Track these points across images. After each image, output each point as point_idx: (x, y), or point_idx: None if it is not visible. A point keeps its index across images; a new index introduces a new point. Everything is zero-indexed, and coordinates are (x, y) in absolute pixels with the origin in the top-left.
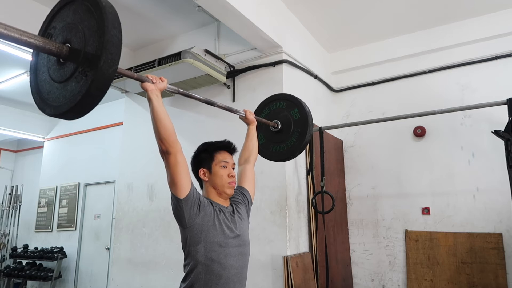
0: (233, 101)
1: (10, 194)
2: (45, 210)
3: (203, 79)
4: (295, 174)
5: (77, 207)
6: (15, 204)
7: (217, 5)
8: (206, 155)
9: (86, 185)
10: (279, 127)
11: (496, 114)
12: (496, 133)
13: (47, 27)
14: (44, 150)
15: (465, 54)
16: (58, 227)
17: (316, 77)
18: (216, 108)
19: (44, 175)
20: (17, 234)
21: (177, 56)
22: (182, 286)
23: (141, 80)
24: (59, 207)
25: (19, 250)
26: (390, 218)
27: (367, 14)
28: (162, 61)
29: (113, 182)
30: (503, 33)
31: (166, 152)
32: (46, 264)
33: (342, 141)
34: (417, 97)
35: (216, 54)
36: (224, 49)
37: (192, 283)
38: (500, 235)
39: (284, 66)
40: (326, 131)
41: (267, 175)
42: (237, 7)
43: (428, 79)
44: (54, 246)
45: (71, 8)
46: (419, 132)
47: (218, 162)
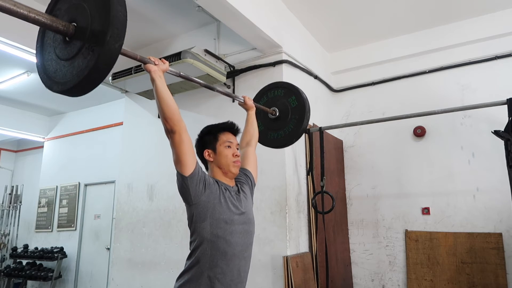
0: (233, 101)
1: (10, 194)
2: (45, 210)
3: (203, 79)
4: (295, 174)
5: (77, 207)
6: (15, 204)
7: (217, 5)
8: (210, 137)
9: (86, 185)
10: (277, 114)
11: (496, 114)
12: (496, 133)
13: (53, 9)
14: (44, 150)
15: (465, 54)
16: (58, 227)
17: (316, 77)
18: (216, 108)
19: (44, 175)
20: (17, 234)
21: (177, 56)
22: (187, 263)
23: (143, 62)
24: (59, 207)
25: (19, 250)
26: (390, 218)
27: (367, 14)
28: None
29: (113, 182)
30: (503, 33)
31: (171, 131)
32: (46, 264)
33: (342, 141)
34: (417, 97)
35: (216, 54)
36: (224, 49)
37: (197, 260)
38: (500, 235)
39: (284, 66)
40: (326, 131)
41: (267, 175)
42: (237, 7)
43: (428, 79)
44: (54, 246)
45: None
46: (419, 132)
47: (222, 143)
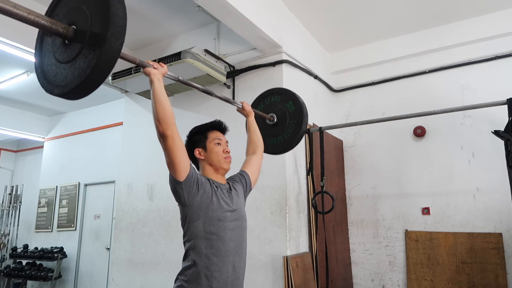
0: None
1: (10, 194)
2: (45, 210)
3: (203, 79)
4: (295, 174)
5: (77, 207)
6: (15, 204)
7: (217, 5)
8: (199, 136)
9: (86, 185)
10: (275, 120)
11: (496, 114)
12: (496, 133)
13: (51, 14)
14: (44, 150)
15: (465, 54)
16: (58, 227)
17: (316, 77)
18: (216, 108)
19: (44, 175)
20: (17, 234)
21: (177, 56)
22: (183, 264)
23: (143, 66)
24: (59, 207)
25: (19, 250)
26: (390, 218)
27: (367, 14)
28: (162, 61)
29: (113, 182)
30: (503, 33)
31: (163, 135)
32: (46, 264)
33: (342, 141)
34: (417, 97)
35: (216, 54)
36: (224, 49)
37: (194, 261)
38: (500, 235)
39: (284, 66)
40: (326, 131)
41: (267, 175)
42: (237, 7)
43: (428, 79)
44: (54, 246)
45: None
46: (419, 132)
47: (212, 140)
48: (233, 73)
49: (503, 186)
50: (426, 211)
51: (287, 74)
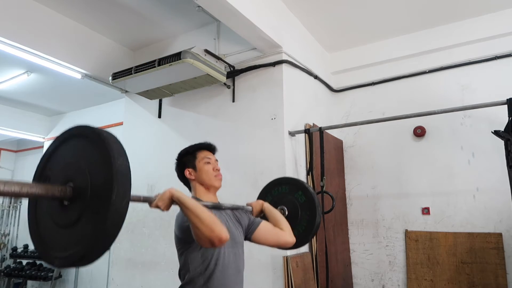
0: (233, 101)
1: None
2: None
3: (203, 79)
4: (295, 174)
5: None
6: (15, 204)
7: (217, 5)
8: (188, 156)
9: None
10: (286, 213)
11: (496, 114)
12: (496, 133)
13: (43, 169)
14: (44, 150)
15: (465, 54)
16: None
17: (316, 77)
18: (216, 108)
19: None
20: (17, 234)
21: (177, 56)
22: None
23: (149, 201)
24: None
25: (19, 250)
26: (390, 218)
27: (367, 14)
28: (162, 61)
29: None
30: (503, 33)
31: (222, 241)
32: (46, 264)
33: (342, 141)
34: (417, 97)
35: (216, 54)
36: (224, 49)
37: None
38: (500, 235)
39: (284, 66)
40: (326, 131)
41: (267, 175)
42: (237, 7)
43: (428, 79)
44: None
45: (67, 147)
46: (419, 132)
47: (201, 159)
48: (233, 73)
49: (503, 186)
50: (426, 211)
51: (287, 74)
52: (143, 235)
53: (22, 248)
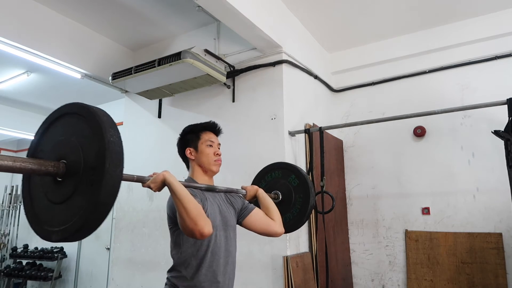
0: (233, 101)
1: (10, 194)
2: None
3: (203, 79)
4: None
5: None
6: (15, 204)
7: (217, 5)
8: (192, 135)
9: None
10: (280, 197)
11: (496, 114)
12: (496, 133)
13: (36, 149)
14: None
15: (465, 54)
16: None
17: (316, 77)
18: (216, 108)
19: None
20: (17, 234)
21: (177, 56)
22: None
23: (142, 181)
24: None
25: (19, 250)
26: (390, 218)
27: (367, 14)
28: (162, 61)
29: None
30: (503, 33)
31: (203, 235)
32: (46, 264)
33: (342, 141)
34: (417, 97)
35: (216, 54)
36: (224, 49)
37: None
38: (500, 235)
39: (284, 66)
40: (326, 131)
41: None
42: (237, 7)
43: (428, 79)
44: (54, 246)
45: (58, 125)
46: (419, 132)
47: (204, 141)
48: (233, 73)
49: (503, 186)
50: (426, 211)
51: (287, 74)
52: (143, 235)
53: (22, 248)
